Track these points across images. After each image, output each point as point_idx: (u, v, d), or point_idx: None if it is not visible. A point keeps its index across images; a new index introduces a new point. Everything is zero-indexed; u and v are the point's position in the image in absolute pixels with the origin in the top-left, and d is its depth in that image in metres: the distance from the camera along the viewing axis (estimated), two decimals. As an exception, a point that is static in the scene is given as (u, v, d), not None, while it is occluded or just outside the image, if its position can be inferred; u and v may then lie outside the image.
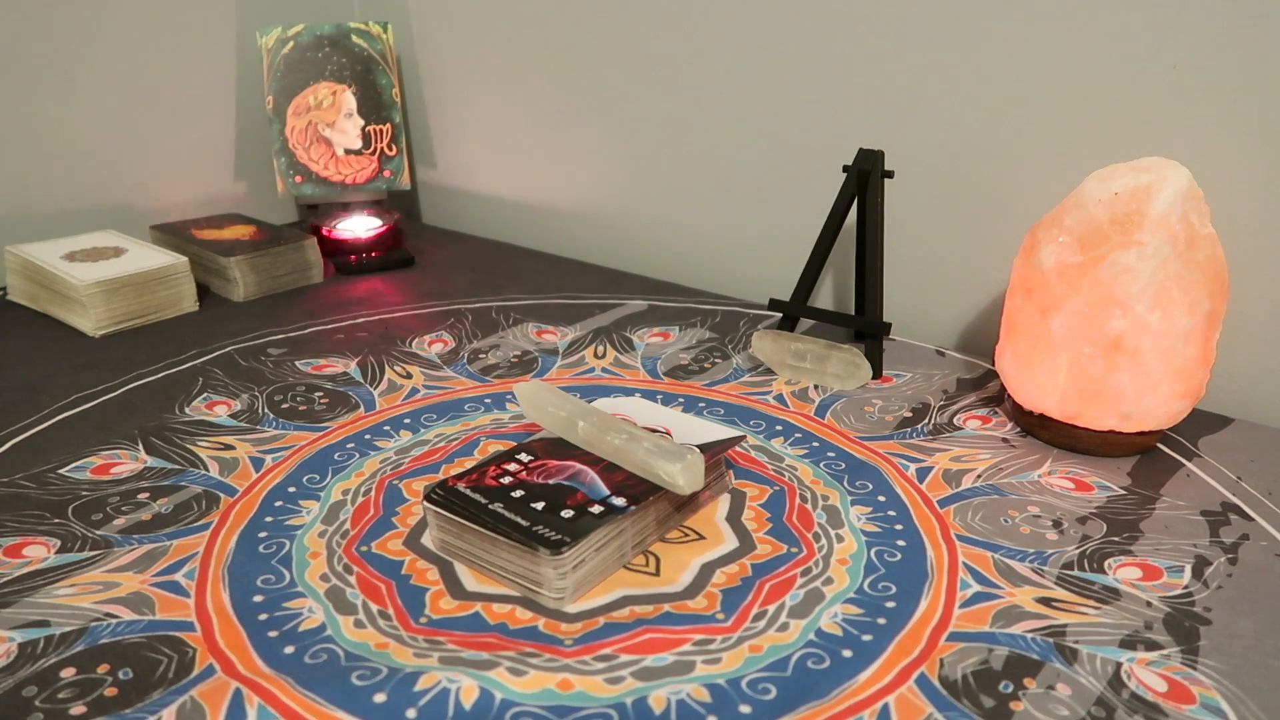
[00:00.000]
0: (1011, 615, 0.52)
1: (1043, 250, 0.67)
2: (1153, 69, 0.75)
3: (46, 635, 0.50)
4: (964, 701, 0.45)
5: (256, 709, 0.45)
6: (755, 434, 0.72)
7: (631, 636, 0.50)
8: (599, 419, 0.60)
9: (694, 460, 0.56)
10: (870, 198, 0.82)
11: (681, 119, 1.07)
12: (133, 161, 1.17)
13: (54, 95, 1.09)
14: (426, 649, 0.49)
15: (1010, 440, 0.71)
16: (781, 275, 1.05)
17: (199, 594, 0.54)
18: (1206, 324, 0.64)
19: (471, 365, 0.85)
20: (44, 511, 0.62)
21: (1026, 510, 0.62)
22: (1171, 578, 0.55)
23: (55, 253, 0.99)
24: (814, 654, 0.49)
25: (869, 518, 0.61)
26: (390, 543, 0.58)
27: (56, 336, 0.92)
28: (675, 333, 0.92)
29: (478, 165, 1.33)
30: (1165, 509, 0.62)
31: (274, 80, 1.18)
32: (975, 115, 0.85)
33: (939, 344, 0.93)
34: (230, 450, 0.70)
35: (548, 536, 0.51)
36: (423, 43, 1.31)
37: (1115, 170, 0.65)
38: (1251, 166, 0.73)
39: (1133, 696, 0.46)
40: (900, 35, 0.87)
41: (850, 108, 0.93)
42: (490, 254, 1.20)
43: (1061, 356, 0.66)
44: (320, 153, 1.20)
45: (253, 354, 0.87)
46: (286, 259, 1.06)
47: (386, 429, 0.73)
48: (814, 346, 0.80)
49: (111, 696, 0.46)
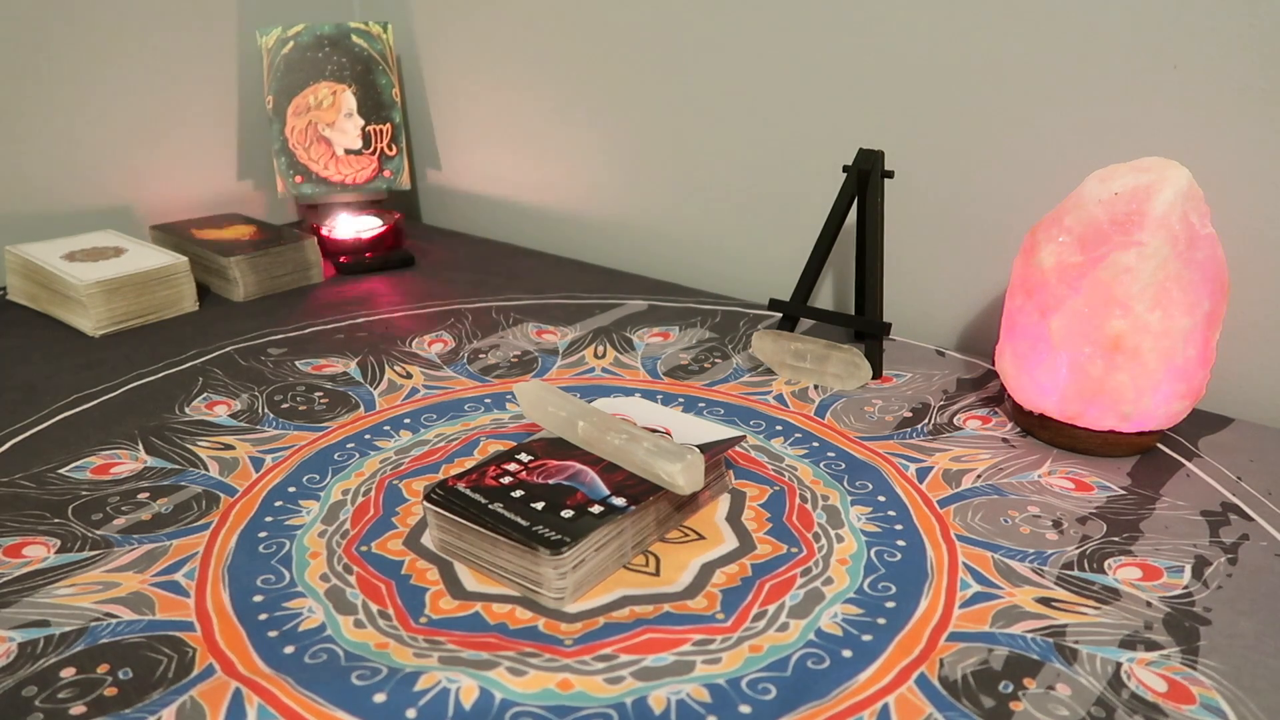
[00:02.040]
0: (1011, 615, 0.52)
1: (1043, 250, 0.67)
2: (1153, 69, 0.75)
3: (46, 635, 0.50)
4: (964, 701, 0.45)
5: (256, 709, 0.45)
6: (755, 434, 0.72)
7: (631, 636, 0.50)
8: (599, 419, 0.60)
9: (694, 460, 0.56)
10: (870, 198, 0.82)
11: (682, 119, 1.07)
12: (133, 161, 1.17)
13: (54, 95, 1.09)
14: (426, 649, 0.49)
15: (1010, 440, 0.71)
16: (781, 275, 1.05)
17: (199, 594, 0.54)
18: (1206, 324, 0.64)
19: (471, 365, 0.85)
20: (44, 511, 0.62)
21: (1026, 510, 0.62)
22: (1171, 578, 0.55)
23: (55, 253, 0.99)
24: (814, 654, 0.49)
25: (869, 518, 0.61)
26: (390, 543, 0.58)
27: (56, 336, 0.92)
28: (675, 333, 0.92)
29: (478, 165, 1.33)
30: (1165, 509, 0.62)
31: (274, 80, 1.18)
32: (975, 115, 0.85)
33: (939, 344, 0.93)
34: (230, 450, 0.70)
35: (548, 536, 0.51)
36: (423, 43, 1.31)
37: (1115, 170, 0.65)
38: (1251, 166, 0.73)
39: (1133, 696, 0.46)
40: (900, 35, 0.87)
41: (850, 108, 0.93)
42: (490, 254, 1.20)
43: (1061, 356, 0.66)
44: (320, 153, 1.20)
45: (253, 354, 0.87)
46: (286, 259, 1.06)
47: (386, 429, 0.73)
48: (814, 346, 0.80)
49: (111, 696, 0.46)
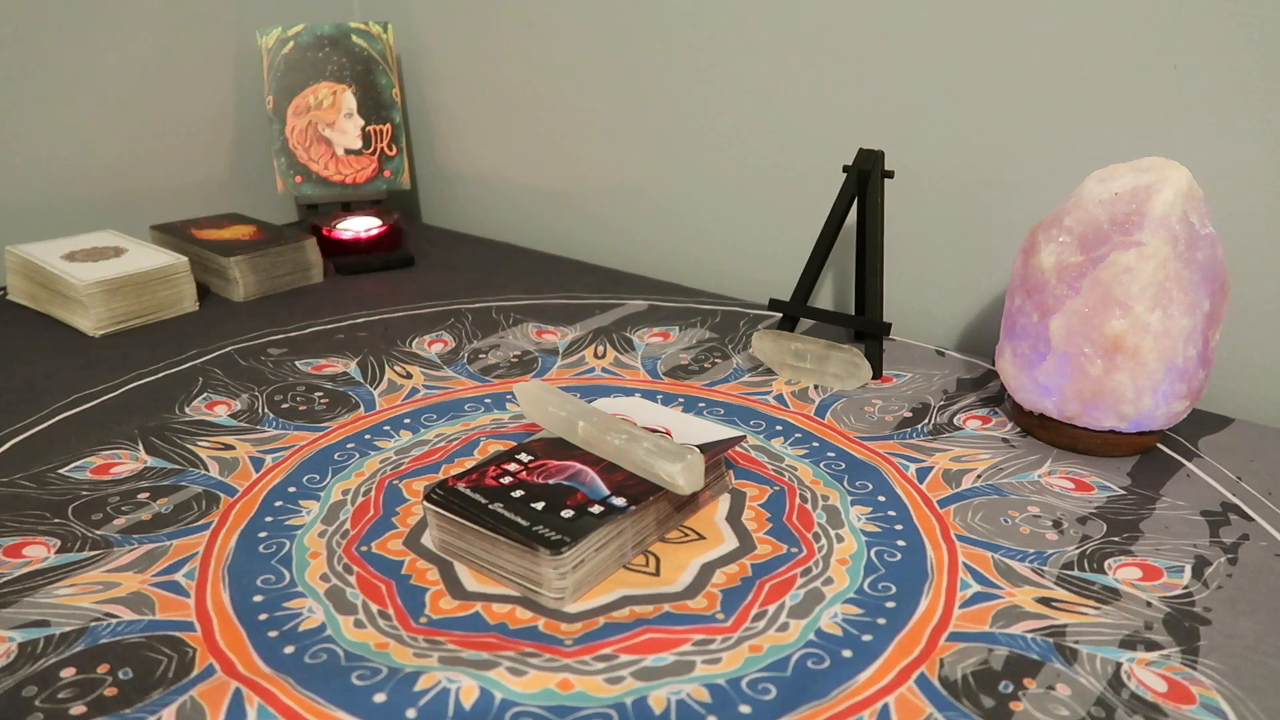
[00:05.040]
0: (1011, 615, 0.52)
1: (1043, 250, 0.67)
2: (1153, 69, 0.75)
3: (46, 635, 0.50)
4: (964, 701, 0.45)
5: (256, 709, 0.45)
6: (755, 434, 0.72)
7: (631, 636, 0.50)
8: (599, 419, 0.60)
9: (694, 460, 0.56)
10: (870, 198, 0.82)
11: (682, 119, 1.07)
12: (133, 161, 1.17)
13: (54, 95, 1.09)
14: (426, 649, 0.49)
15: (1010, 440, 0.71)
16: (781, 275, 1.05)
17: (199, 594, 0.54)
18: (1206, 324, 0.64)
19: (471, 365, 0.85)
20: (44, 511, 0.62)
21: (1026, 510, 0.62)
22: (1171, 578, 0.55)
23: (55, 253, 0.99)
24: (814, 654, 0.49)
25: (869, 518, 0.61)
26: (390, 543, 0.58)
27: (56, 336, 0.92)
28: (675, 333, 0.92)
29: (478, 165, 1.33)
30: (1165, 509, 0.62)
31: (274, 80, 1.18)
32: (975, 115, 0.85)
33: (939, 344, 0.93)
34: (230, 450, 0.70)
35: (548, 536, 0.51)
36: (423, 43, 1.31)
37: (1115, 170, 0.65)
38: (1251, 166, 0.73)
39: (1133, 697, 0.46)
40: (900, 35, 0.87)
41: (850, 108, 0.93)
42: (490, 254, 1.20)
43: (1061, 356, 0.66)
44: (320, 153, 1.20)
45: (253, 354, 0.87)
46: (286, 259, 1.06)
47: (386, 429, 0.73)
48: (814, 346, 0.80)
49: (111, 696, 0.46)
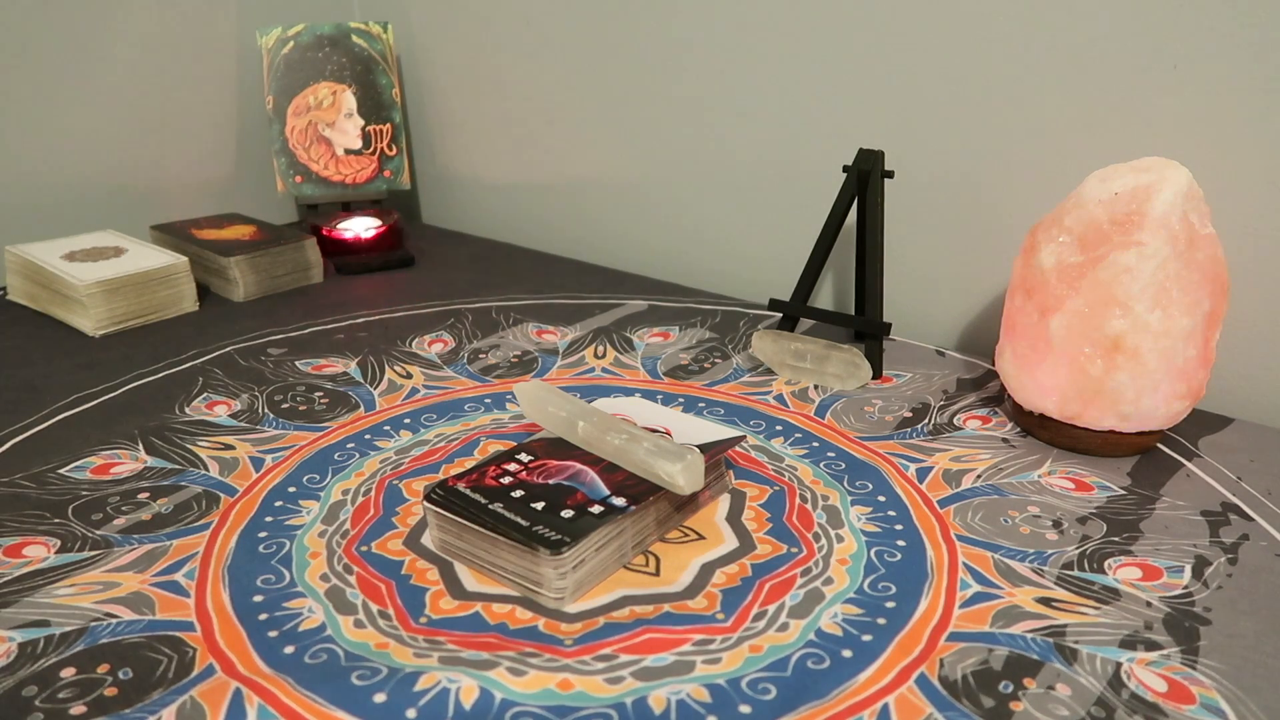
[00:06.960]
0: (1011, 615, 0.52)
1: (1043, 250, 0.67)
2: (1153, 69, 0.75)
3: (46, 635, 0.50)
4: (964, 701, 0.45)
5: (256, 709, 0.45)
6: (755, 434, 0.72)
7: (631, 636, 0.50)
8: (599, 419, 0.60)
9: (694, 460, 0.56)
10: (870, 198, 0.82)
11: (682, 119, 1.07)
12: (133, 161, 1.17)
13: (54, 95, 1.09)
14: (426, 649, 0.49)
15: (1010, 440, 0.71)
16: (781, 275, 1.05)
17: (199, 594, 0.54)
18: (1206, 324, 0.64)
19: (471, 365, 0.85)
20: (44, 511, 0.62)
21: (1026, 510, 0.62)
22: (1171, 578, 0.55)
23: (55, 253, 0.99)
24: (814, 654, 0.49)
25: (869, 518, 0.61)
26: (390, 543, 0.58)
27: (56, 336, 0.92)
28: (675, 333, 0.92)
29: (478, 165, 1.33)
30: (1165, 509, 0.62)
31: (274, 80, 1.18)
32: (975, 115, 0.85)
33: (939, 344, 0.93)
34: (230, 450, 0.70)
35: (548, 536, 0.51)
36: (423, 43, 1.31)
37: (1115, 170, 0.65)
38: (1251, 166, 0.73)
39: (1133, 697, 0.46)
40: (900, 35, 0.87)
41: (850, 108, 0.93)
42: (490, 254, 1.20)
43: (1061, 356, 0.66)
44: (320, 153, 1.20)
45: (253, 354, 0.87)
46: (286, 259, 1.06)
47: (386, 429, 0.73)
48: (814, 346, 0.80)
49: (111, 696, 0.46)
